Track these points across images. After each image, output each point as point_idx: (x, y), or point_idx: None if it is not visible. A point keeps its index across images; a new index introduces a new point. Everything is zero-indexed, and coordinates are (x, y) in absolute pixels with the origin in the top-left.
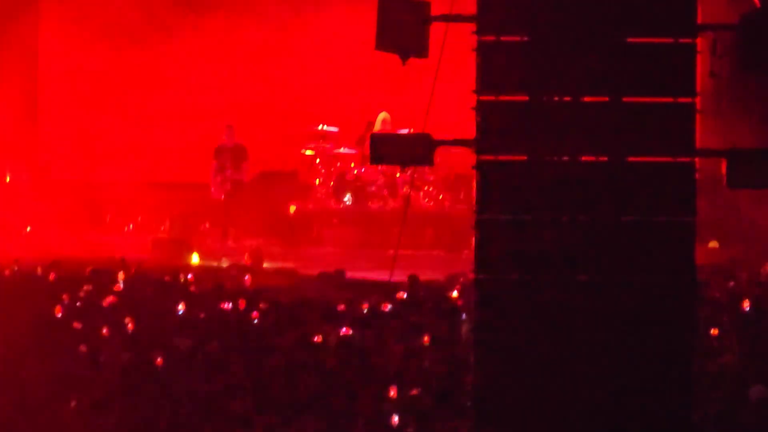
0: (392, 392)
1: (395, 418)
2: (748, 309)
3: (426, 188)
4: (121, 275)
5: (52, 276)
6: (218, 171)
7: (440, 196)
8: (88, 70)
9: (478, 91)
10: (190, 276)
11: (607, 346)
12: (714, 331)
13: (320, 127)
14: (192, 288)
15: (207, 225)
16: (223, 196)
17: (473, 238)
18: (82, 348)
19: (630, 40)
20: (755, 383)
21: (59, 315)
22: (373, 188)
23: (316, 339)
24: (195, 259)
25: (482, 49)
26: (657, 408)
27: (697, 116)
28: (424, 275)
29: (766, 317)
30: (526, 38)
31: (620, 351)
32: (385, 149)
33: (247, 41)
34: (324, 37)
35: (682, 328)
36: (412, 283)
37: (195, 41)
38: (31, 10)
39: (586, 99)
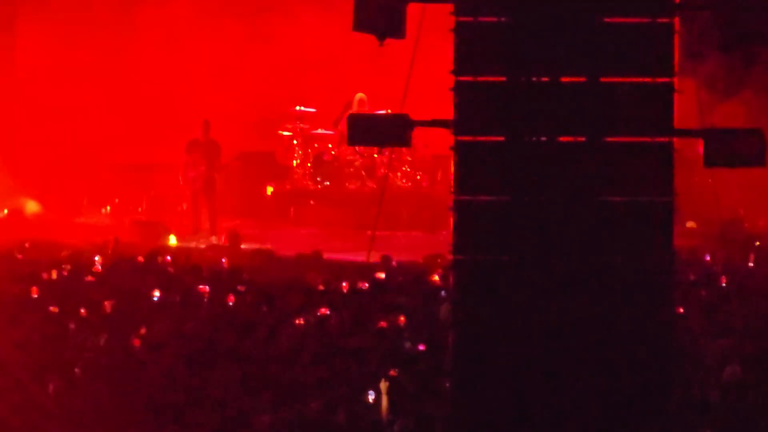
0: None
1: (371, 396)
2: (722, 288)
3: (404, 169)
4: (98, 258)
5: (28, 258)
6: (190, 166)
7: (417, 176)
8: (63, 55)
9: (456, 72)
10: (167, 257)
11: (586, 326)
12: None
13: (297, 108)
14: (169, 269)
15: (184, 206)
16: (192, 190)
17: (451, 219)
18: (59, 329)
19: (607, 20)
20: (729, 364)
21: (36, 296)
22: (351, 169)
23: (294, 320)
24: (172, 240)
25: (460, 30)
26: (635, 386)
27: (675, 96)
28: (402, 256)
29: (739, 297)
30: (503, 19)
31: (598, 331)
32: (363, 130)
33: (224, 23)
34: (301, 18)
35: (659, 308)
36: (386, 264)
37: (170, 24)
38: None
39: (564, 79)
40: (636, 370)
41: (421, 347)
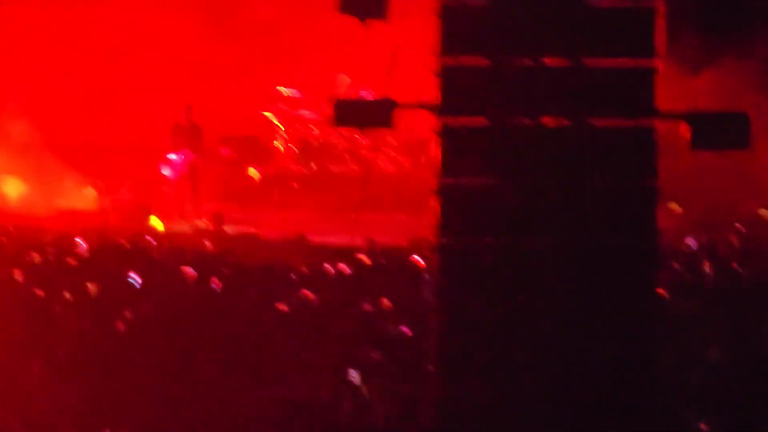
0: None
1: (354, 375)
2: (707, 271)
3: (388, 151)
4: (81, 240)
5: (12, 240)
6: (173, 150)
7: (400, 156)
8: (43, 32)
9: (441, 55)
10: (150, 240)
11: (570, 309)
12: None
13: (282, 90)
14: (153, 252)
15: (166, 189)
16: (173, 175)
17: (436, 202)
18: (44, 313)
19: (591, 3)
20: (712, 345)
21: (20, 280)
22: (335, 152)
23: (277, 302)
24: (156, 223)
25: (444, 13)
26: (619, 368)
27: (658, 79)
28: (387, 239)
29: (724, 279)
30: (488, 2)
31: (582, 315)
32: (348, 112)
33: (205, 3)
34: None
35: (643, 290)
36: (370, 247)
37: (149, 4)
38: None
39: (548, 62)
40: (620, 353)
41: (405, 330)
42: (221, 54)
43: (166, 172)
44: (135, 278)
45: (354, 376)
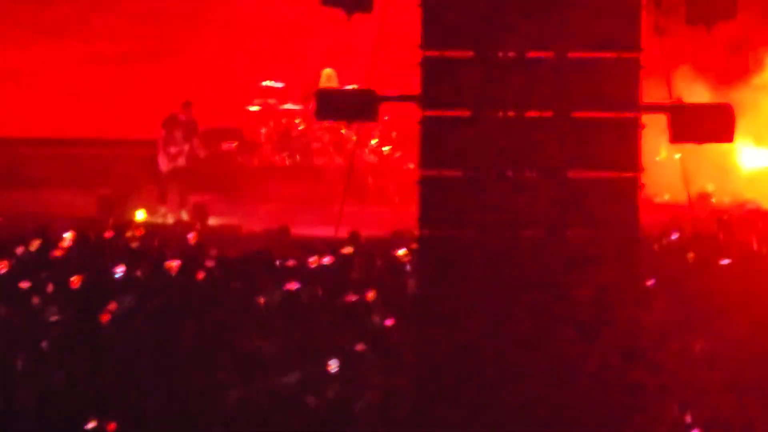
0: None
1: (334, 365)
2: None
3: (371, 143)
4: (66, 233)
5: None
6: (168, 143)
7: (384, 149)
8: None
9: (423, 47)
10: (134, 233)
11: (552, 300)
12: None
13: (265, 83)
14: (136, 244)
15: (149, 183)
16: (170, 169)
17: (418, 195)
18: (26, 304)
19: None
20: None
21: (3, 271)
22: (319, 144)
23: (261, 295)
24: (140, 215)
25: (427, 5)
26: (602, 359)
27: (641, 71)
28: (370, 231)
29: (707, 270)
30: None
31: (565, 305)
32: (331, 105)
33: None
34: None
35: (626, 282)
36: (354, 240)
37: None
38: None
39: (531, 54)
40: (603, 343)
41: (389, 322)
42: (206, 46)
43: (162, 164)
44: (118, 270)
45: (337, 367)
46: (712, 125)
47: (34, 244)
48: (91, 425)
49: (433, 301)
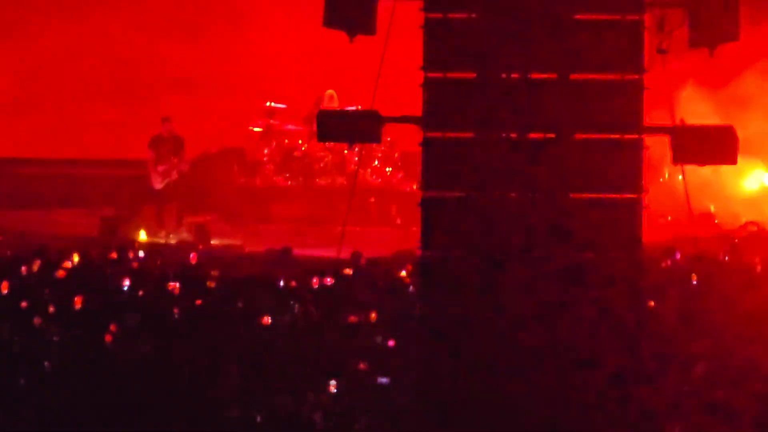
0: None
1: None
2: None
3: (374, 164)
4: (70, 254)
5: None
6: (158, 162)
7: (387, 170)
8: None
9: (425, 68)
10: (139, 253)
11: (554, 322)
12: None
13: (268, 103)
14: (138, 265)
15: (148, 203)
16: (162, 185)
17: (420, 215)
18: (30, 324)
19: (577, 16)
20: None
21: (5, 292)
22: (321, 165)
23: (263, 315)
24: (141, 236)
25: (429, 26)
26: (603, 381)
27: (644, 93)
28: (372, 252)
29: (709, 293)
30: (473, 15)
31: (567, 327)
32: (333, 126)
33: (196, 16)
34: (272, 14)
35: (628, 304)
36: (356, 260)
37: (135, 17)
38: None
39: (534, 76)
40: (604, 365)
41: (391, 343)
42: (208, 68)
43: (155, 183)
44: (120, 291)
45: (339, 387)
46: (715, 147)
47: (36, 265)
48: None
49: (435, 322)
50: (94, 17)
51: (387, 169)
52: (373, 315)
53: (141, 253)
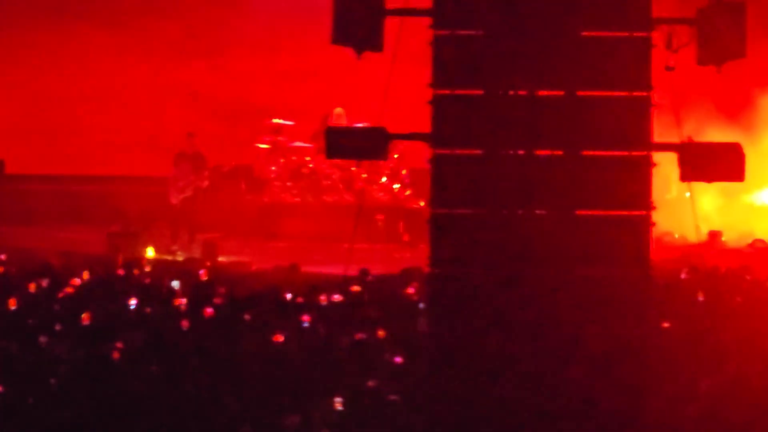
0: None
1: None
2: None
3: (381, 181)
4: (79, 271)
5: (4, 270)
6: (178, 178)
7: (395, 186)
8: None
9: (434, 85)
10: (145, 269)
11: (562, 340)
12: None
13: (275, 120)
14: (146, 281)
15: (160, 219)
16: (180, 201)
17: (428, 233)
18: (37, 341)
19: (585, 34)
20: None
21: (13, 308)
22: (329, 182)
23: (271, 332)
24: (150, 252)
25: (438, 43)
26: (612, 398)
27: (652, 110)
28: (380, 269)
29: (717, 309)
30: (481, 32)
31: (575, 345)
32: (341, 143)
33: (203, 34)
34: (279, 31)
35: (636, 321)
36: (363, 277)
37: (146, 37)
38: None
39: (542, 93)
40: (613, 382)
41: (399, 360)
42: (216, 85)
43: (172, 198)
44: (128, 307)
45: (347, 405)
46: (723, 164)
47: (44, 281)
48: None
49: (443, 340)
50: (106, 40)
51: (395, 186)
52: (381, 332)
53: (148, 270)
